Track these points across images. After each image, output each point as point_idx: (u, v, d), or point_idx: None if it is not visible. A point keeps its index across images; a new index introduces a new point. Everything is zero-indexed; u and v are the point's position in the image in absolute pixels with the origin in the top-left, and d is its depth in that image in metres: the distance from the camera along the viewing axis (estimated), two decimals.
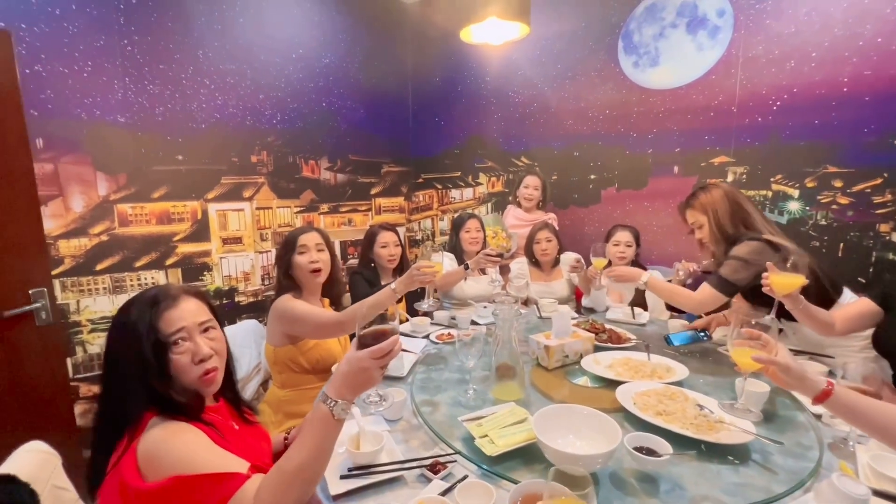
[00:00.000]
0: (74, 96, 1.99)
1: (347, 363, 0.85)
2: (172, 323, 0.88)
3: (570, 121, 3.07)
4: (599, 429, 1.04)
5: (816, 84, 2.23)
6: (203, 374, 0.90)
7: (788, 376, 0.92)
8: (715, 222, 1.71)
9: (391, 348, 0.85)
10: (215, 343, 0.94)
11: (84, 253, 2.07)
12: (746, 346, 1.01)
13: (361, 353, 0.84)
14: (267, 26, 2.68)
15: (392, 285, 1.51)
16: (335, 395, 0.82)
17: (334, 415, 0.81)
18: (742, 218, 1.69)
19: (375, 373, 0.85)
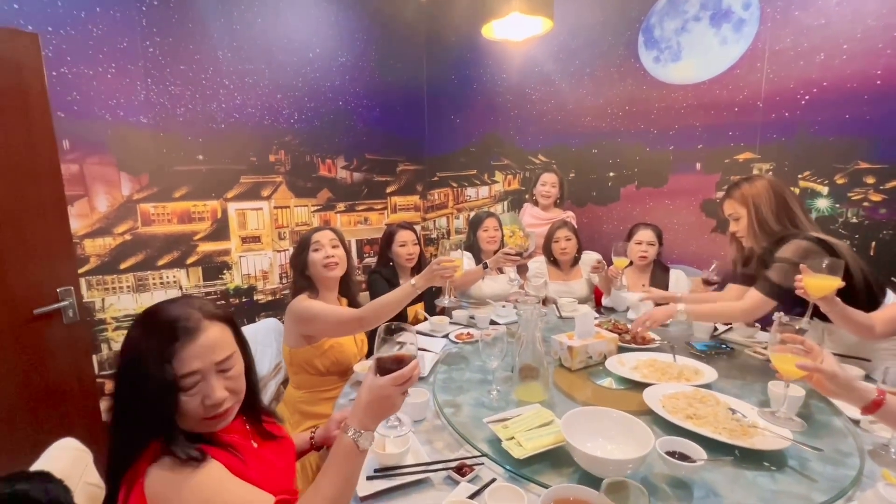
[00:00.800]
0: (99, 98, 2.02)
1: (369, 391, 0.81)
2: (186, 364, 0.78)
3: (588, 117, 3.02)
4: (630, 432, 1.02)
5: (848, 77, 2.16)
6: (212, 416, 0.81)
7: (835, 385, 0.89)
8: (756, 216, 1.62)
9: (412, 374, 0.83)
10: (232, 382, 0.84)
11: (109, 252, 2.11)
12: (789, 353, 0.97)
13: (383, 380, 0.81)
14: (284, 27, 2.69)
15: (412, 281, 1.50)
16: (359, 426, 0.80)
17: (359, 446, 0.79)
18: (787, 214, 1.60)
19: (397, 399, 0.83)
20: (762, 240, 1.62)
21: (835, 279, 1.27)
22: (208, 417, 0.81)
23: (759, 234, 1.62)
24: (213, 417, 0.81)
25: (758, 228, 1.62)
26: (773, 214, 1.59)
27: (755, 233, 1.63)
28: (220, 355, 0.82)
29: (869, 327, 1.37)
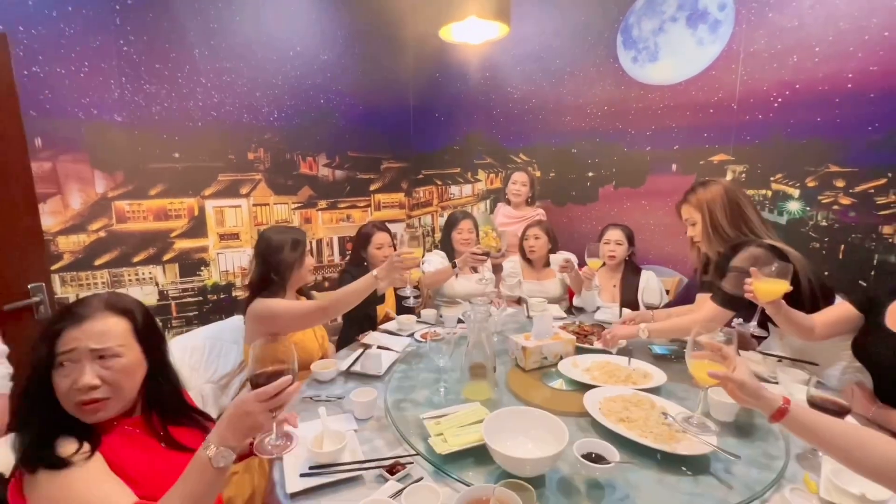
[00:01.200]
0: (72, 96, 2.05)
1: (233, 406, 0.80)
2: (66, 342, 0.82)
3: (568, 117, 3.03)
4: (550, 431, 1.04)
5: (820, 80, 2.16)
6: (82, 403, 0.82)
7: (744, 393, 0.90)
8: (710, 221, 1.63)
9: (278, 391, 0.80)
10: (110, 373, 0.84)
11: (83, 249, 2.15)
12: (706, 360, 0.99)
13: (247, 395, 0.79)
14: (264, 24, 2.70)
15: (374, 272, 1.53)
16: (216, 441, 0.77)
17: (212, 462, 0.75)
18: (742, 219, 1.61)
19: (261, 417, 0.79)
20: (717, 245, 1.63)
21: (783, 283, 1.29)
22: (79, 403, 0.82)
23: (713, 240, 1.64)
24: (85, 404, 0.82)
25: (712, 233, 1.63)
26: (727, 220, 1.60)
27: (709, 238, 1.64)
28: (101, 344, 0.84)
29: (809, 329, 1.38)
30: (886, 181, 2.04)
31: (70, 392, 0.81)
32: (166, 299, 2.44)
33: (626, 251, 2.40)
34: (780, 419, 0.86)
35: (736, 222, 1.60)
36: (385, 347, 1.78)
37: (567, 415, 1.27)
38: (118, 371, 0.86)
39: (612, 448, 1.01)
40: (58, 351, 0.82)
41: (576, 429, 1.21)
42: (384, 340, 1.87)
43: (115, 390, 0.86)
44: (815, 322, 1.40)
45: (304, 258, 1.66)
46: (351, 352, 1.74)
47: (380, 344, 1.81)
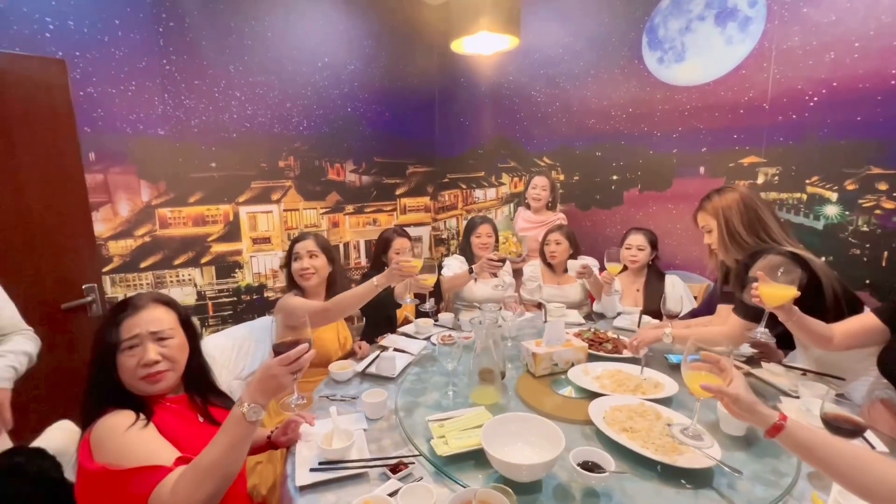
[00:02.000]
0: (121, 113, 2.24)
1: (260, 371, 0.94)
2: (129, 329, 1.00)
3: (592, 120, 2.99)
4: (548, 438, 1.06)
5: (860, 77, 2.04)
6: (146, 375, 1.00)
7: (738, 407, 0.89)
8: (726, 229, 1.59)
9: (298, 356, 0.94)
10: (168, 350, 1.03)
11: (130, 252, 2.34)
12: (703, 371, 0.98)
13: (271, 361, 0.93)
14: (294, 38, 2.84)
15: (374, 280, 1.59)
16: (249, 399, 0.91)
17: (246, 417, 0.89)
18: (760, 226, 1.56)
19: (284, 379, 0.93)
20: (735, 252, 1.59)
21: (790, 289, 1.24)
22: (143, 377, 0.99)
23: (730, 247, 1.60)
24: (148, 377, 1.00)
25: (729, 240, 1.59)
26: (744, 227, 1.56)
27: (726, 245, 1.60)
28: (157, 327, 1.02)
29: (827, 338, 1.32)
30: None
31: (137, 369, 0.99)
32: (204, 299, 2.62)
33: (649, 256, 2.36)
34: (776, 435, 0.85)
35: (753, 228, 1.56)
36: (401, 350, 1.84)
37: (573, 423, 1.28)
38: (174, 348, 1.05)
39: (608, 457, 1.02)
40: (122, 338, 0.99)
41: (580, 437, 1.22)
42: (401, 343, 1.93)
43: (172, 363, 1.04)
44: (834, 331, 1.34)
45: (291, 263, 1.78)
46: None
47: (397, 346, 1.88)
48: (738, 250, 1.58)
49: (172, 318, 1.07)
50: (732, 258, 1.61)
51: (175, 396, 1.09)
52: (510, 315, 1.96)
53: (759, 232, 1.55)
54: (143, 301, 1.05)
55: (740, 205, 1.57)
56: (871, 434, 1.17)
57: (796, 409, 1.31)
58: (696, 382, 0.97)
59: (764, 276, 1.27)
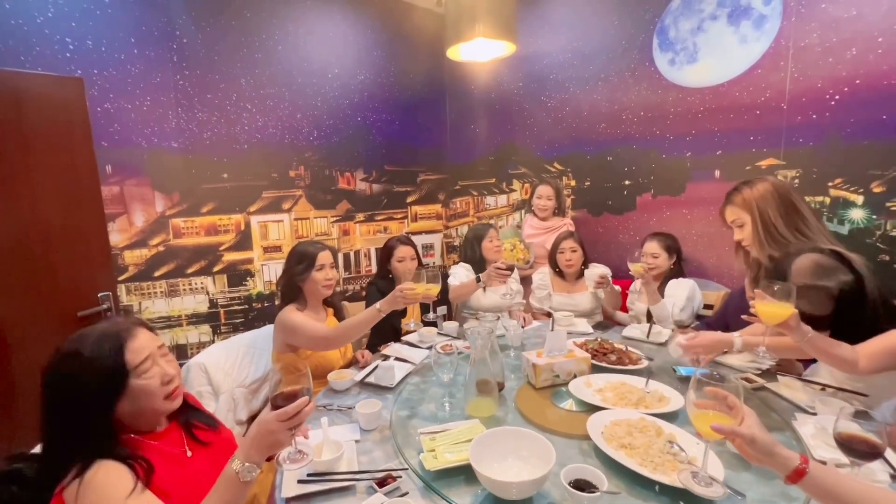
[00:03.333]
0: (136, 127, 2.32)
1: (256, 426, 0.88)
2: (139, 352, 0.93)
3: (602, 124, 2.93)
4: (540, 454, 1.02)
5: (885, 73, 1.93)
6: (170, 393, 0.97)
7: (754, 450, 0.81)
8: (762, 222, 1.46)
9: (296, 411, 0.87)
10: (173, 364, 1.01)
11: (144, 262, 2.41)
12: (711, 410, 0.89)
13: (268, 416, 0.88)
14: (304, 50, 2.89)
15: (377, 305, 1.57)
16: (243, 458, 0.86)
17: (240, 477, 0.84)
18: (798, 217, 1.44)
19: (282, 435, 0.88)
20: (770, 248, 1.46)
21: (786, 306, 1.15)
22: (167, 396, 0.97)
23: (766, 242, 1.46)
24: (171, 395, 0.98)
25: (764, 235, 1.46)
26: (781, 218, 1.43)
27: (761, 241, 1.46)
28: (159, 342, 1.01)
29: (852, 362, 1.22)
30: None
31: (161, 387, 0.96)
32: (216, 307, 2.67)
33: (668, 262, 2.26)
34: (797, 481, 0.78)
35: (792, 221, 1.43)
36: (403, 359, 1.82)
37: (572, 437, 1.24)
38: (174, 363, 1.03)
39: (601, 476, 0.97)
40: (134, 364, 0.92)
41: (577, 452, 1.17)
42: (404, 352, 1.91)
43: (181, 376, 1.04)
44: (859, 353, 1.24)
45: (310, 273, 1.74)
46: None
47: (399, 355, 1.86)
48: (774, 246, 1.45)
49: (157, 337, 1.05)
50: (767, 254, 1.47)
51: (158, 432, 1.02)
52: (513, 324, 1.92)
53: (798, 224, 1.43)
54: (128, 324, 0.99)
55: (775, 195, 1.45)
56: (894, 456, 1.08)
57: (812, 426, 1.23)
58: (704, 424, 0.88)
59: (760, 293, 1.20)
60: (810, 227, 1.44)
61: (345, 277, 3.28)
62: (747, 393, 1.46)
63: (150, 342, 0.98)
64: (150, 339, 0.99)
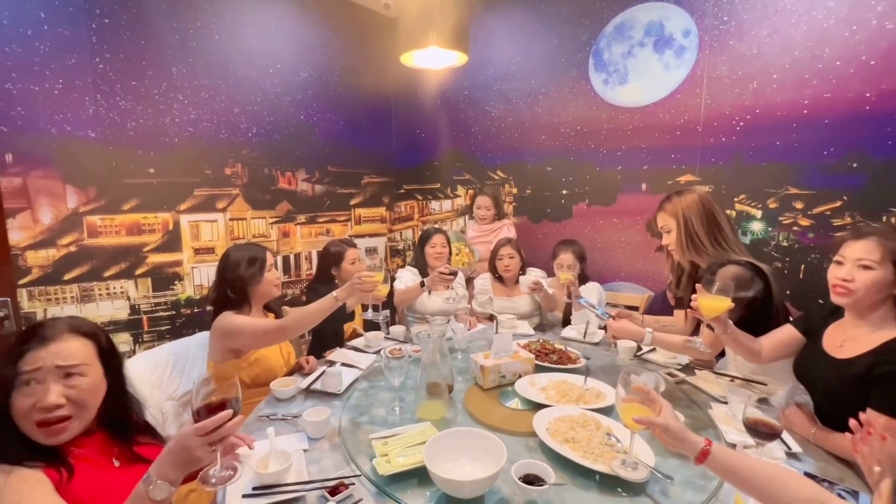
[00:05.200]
0: (45, 113, 2.06)
1: (173, 440, 0.82)
2: (31, 361, 0.84)
3: (543, 136, 3.09)
4: (491, 452, 1.06)
5: (778, 106, 2.24)
6: (43, 421, 0.83)
7: (668, 435, 0.93)
8: (685, 229, 1.63)
9: (217, 425, 0.81)
10: (75, 391, 0.87)
11: (52, 263, 2.14)
12: (636, 403, 1.00)
13: (187, 430, 0.81)
14: (243, 42, 2.75)
15: (334, 293, 1.55)
16: (156, 474, 0.79)
17: (150, 495, 0.77)
18: (717, 228, 1.61)
19: (200, 451, 0.80)
20: (690, 254, 1.64)
21: (725, 300, 1.31)
22: (41, 424, 0.83)
23: (687, 248, 1.64)
24: (46, 425, 0.84)
25: (686, 242, 1.63)
26: (703, 228, 1.61)
27: (684, 247, 1.64)
28: (65, 361, 0.87)
29: (757, 352, 1.42)
30: (841, 203, 2.11)
31: (31, 411, 0.83)
32: (138, 313, 2.44)
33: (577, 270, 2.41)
34: (703, 461, 0.89)
35: (711, 231, 1.61)
36: (350, 364, 1.79)
37: (518, 435, 1.29)
38: (83, 390, 0.89)
39: (549, 469, 1.03)
40: (22, 370, 0.83)
41: (524, 449, 1.23)
42: (351, 357, 1.88)
43: (78, 409, 0.89)
44: (762, 344, 1.44)
45: (262, 274, 1.68)
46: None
47: (345, 361, 1.83)
48: (693, 252, 1.63)
49: (89, 350, 0.93)
50: (688, 259, 1.67)
51: (85, 438, 0.93)
52: (460, 327, 1.96)
53: (717, 234, 1.61)
54: (55, 330, 0.90)
55: (700, 206, 1.62)
56: (788, 436, 1.26)
57: (724, 414, 1.39)
58: (628, 415, 0.99)
59: (701, 289, 1.35)
60: (726, 238, 1.63)
61: (284, 281, 3.14)
62: (671, 387, 1.62)
63: (54, 356, 0.86)
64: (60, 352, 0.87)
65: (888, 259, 1.16)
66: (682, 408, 1.45)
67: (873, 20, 1.96)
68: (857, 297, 1.21)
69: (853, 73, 2.03)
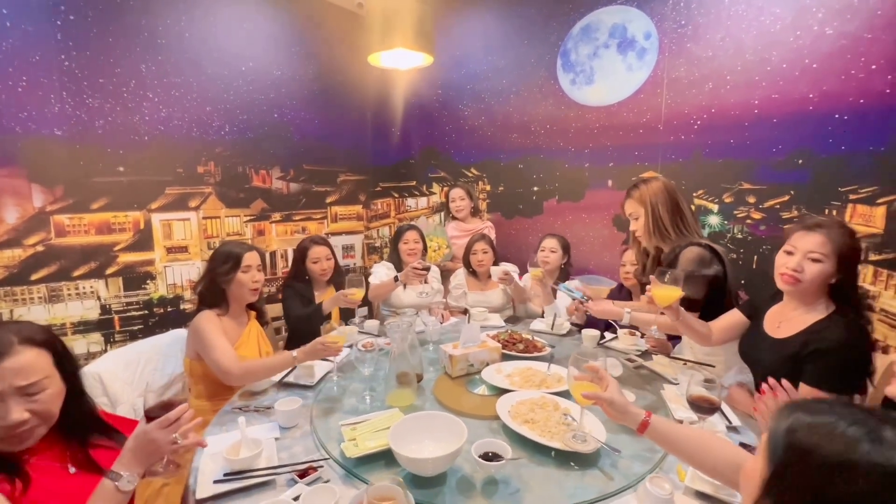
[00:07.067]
0: (9, 111, 2.03)
1: (134, 438, 0.89)
2: None
3: (515, 134, 3.17)
4: (453, 433, 1.13)
5: (731, 106, 2.36)
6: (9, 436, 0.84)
7: (613, 409, 1.02)
8: (652, 215, 1.73)
9: (178, 416, 0.91)
10: (38, 405, 0.86)
11: (18, 263, 2.12)
12: (586, 381, 1.09)
13: (148, 425, 0.88)
14: (214, 41, 2.74)
15: (294, 353, 1.54)
16: (123, 469, 0.86)
17: (119, 487, 0.84)
18: (679, 214, 1.72)
19: (163, 443, 0.89)
20: (657, 240, 1.75)
21: (676, 290, 1.41)
22: (6, 436, 0.84)
23: (653, 234, 1.74)
24: (12, 436, 0.85)
25: (653, 227, 1.73)
26: (668, 214, 1.71)
27: (650, 232, 1.74)
28: (25, 380, 0.84)
29: (707, 335, 1.53)
30: (789, 198, 2.25)
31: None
32: (109, 313, 2.42)
33: (561, 259, 2.54)
34: (644, 431, 0.99)
35: (674, 218, 1.72)
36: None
37: (483, 418, 1.36)
38: (46, 402, 0.88)
39: (506, 446, 1.10)
40: None
41: (487, 431, 1.30)
42: None
43: (43, 418, 0.89)
44: (712, 329, 1.55)
45: (234, 274, 1.67)
46: None
47: None
48: (658, 237, 1.74)
49: (46, 361, 0.89)
50: (654, 245, 1.77)
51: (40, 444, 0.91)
52: (431, 320, 2.02)
53: (678, 221, 1.72)
54: (6, 345, 0.84)
55: (665, 194, 1.72)
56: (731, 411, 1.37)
57: (674, 394, 1.49)
58: (578, 392, 1.08)
59: (655, 280, 1.44)
60: (687, 224, 1.75)
61: None
62: (629, 371, 1.72)
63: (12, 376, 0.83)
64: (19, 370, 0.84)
65: (835, 253, 1.25)
66: (637, 389, 1.55)
67: (815, 26, 2.10)
68: (803, 287, 1.30)
69: (798, 75, 2.16)
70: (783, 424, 0.55)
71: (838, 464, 0.49)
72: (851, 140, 2.07)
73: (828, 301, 1.29)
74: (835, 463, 0.49)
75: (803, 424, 0.53)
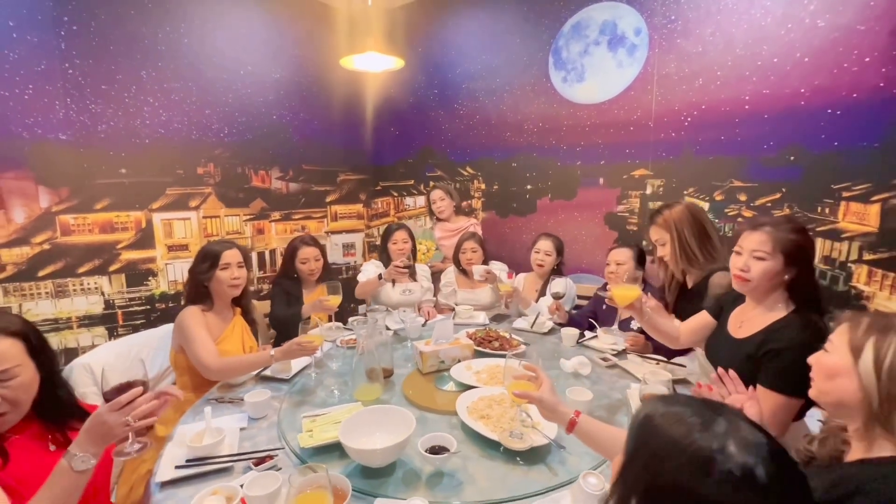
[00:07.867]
0: (16, 117, 2.17)
1: (89, 420, 0.90)
2: None
3: (508, 133, 3.18)
4: (405, 425, 1.16)
5: (722, 102, 2.32)
6: None
7: (543, 408, 1.04)
8: (679, 241, 1.68)
9: (130, 400, 0.91)
10: (9, 391, 0.92)
11: (26, 260, 2.25)
12: (523, 380, 1.12)
13: (101, 408, 0.90)
14: (213, 46, 2.83)
15: (271, 352, 1.59)
16: (77, 449, 0.88)
17: (73, 467, 0.86)
18: (706, 238, 1.66)
19: (115, 425, 0.89)
20: (683, 263, 1.70)
21: (635, 289, 1.42)
22: None
23: (680, 259, 1.69)
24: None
25: (680, 253, 1.68)
26: (695, 238, 1.66)
27: (677, 257, 1.69)
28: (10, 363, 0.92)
29: (675, 337, 1.52)
30: (781, 195, 2.20)
31: None
32: (112, 308, 2.55)
33: (555, 261, 2.53)
34: (572, 430, 1.01)
35: (702, 241, 1.66)
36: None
37: (445, 414, 1.39)
38: (16, 389, 0.94)
39: (452, 440, 1.13)
40: None
41: (446, 426, 1.33)
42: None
43: (13, 405, 0.95)
44: (680, 330, 1.53)
45: (213, 272, 1.73)
46: None
47: None
48: (685, 262, 1.68)
49: (19, 350, 0.96)
50: (681, 269, 1.72)
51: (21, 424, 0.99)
52: (411, 317, 2.06)
53: (706, 244, 1.66)
54: None
55: (689, 217, 1.67)
56: None
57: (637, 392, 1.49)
58: (511, 391, 1.11)
59: (614, 280, 1.44)
60: (714, 247, 1.68)
61: (259, 276, 3.25)
62: (600, 369, 1.72)
63: None
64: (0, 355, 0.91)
65: (778, 249, 1.24)
66: (606, 388, 1.56)
67: (806, 18, 2.04)
68: (752, 286, 1.29)
69: (789, 69, 2.11)
70: (640, 414, 0.57)
71: (671, 447, 0.51)
72: (844, 136, 2.01)
73: (788, 300, 1.27)
74: (669, 447, 0.51)
75: (657, 414, 0.55)
